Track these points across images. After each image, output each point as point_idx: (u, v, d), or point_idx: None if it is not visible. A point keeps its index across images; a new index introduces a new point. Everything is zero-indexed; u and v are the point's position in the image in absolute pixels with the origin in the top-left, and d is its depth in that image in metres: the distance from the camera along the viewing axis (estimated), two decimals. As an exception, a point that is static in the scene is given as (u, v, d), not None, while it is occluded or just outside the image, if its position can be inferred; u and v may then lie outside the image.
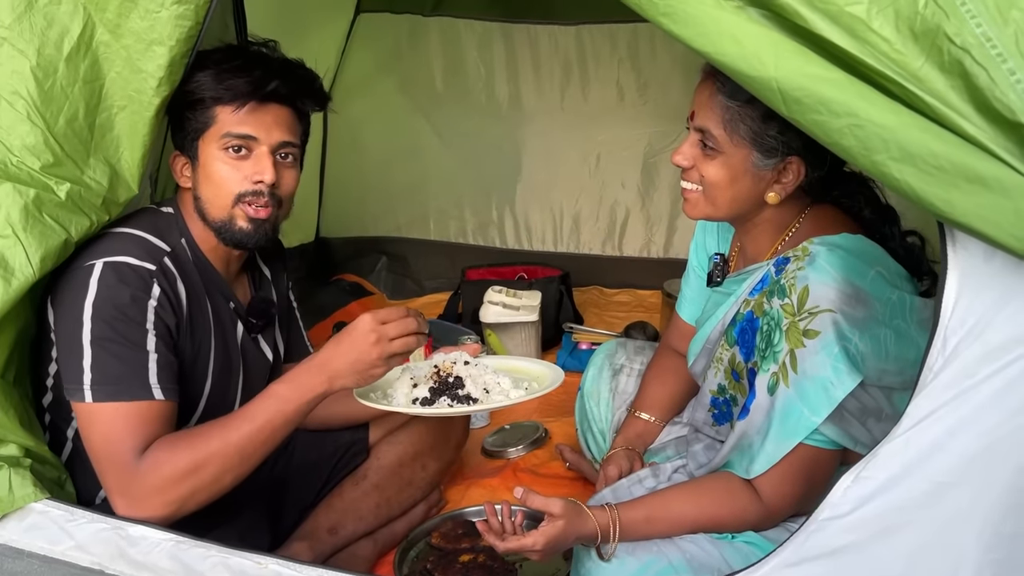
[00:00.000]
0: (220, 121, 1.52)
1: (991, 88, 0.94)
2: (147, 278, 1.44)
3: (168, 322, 1.47)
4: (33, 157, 1.43)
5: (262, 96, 1.52)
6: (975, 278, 1.00)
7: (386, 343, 1.41)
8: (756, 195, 1.45)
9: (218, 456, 1.39)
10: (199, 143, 1.54)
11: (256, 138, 1.53)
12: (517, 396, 1.51)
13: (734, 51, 1.04)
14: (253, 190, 1.53)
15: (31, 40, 1.43)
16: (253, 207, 1.54)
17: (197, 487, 1.38)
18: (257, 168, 1.53)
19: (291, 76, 1.57)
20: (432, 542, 1.83)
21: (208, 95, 1.52)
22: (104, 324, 1.40)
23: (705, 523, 1.42)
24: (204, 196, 1.56)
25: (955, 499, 1.02)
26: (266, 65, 1.55)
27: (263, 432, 1.41)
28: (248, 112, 1.52)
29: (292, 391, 1.43)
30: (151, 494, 1.37)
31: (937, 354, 1.02)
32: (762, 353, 1.41)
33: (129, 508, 1.38)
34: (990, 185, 0.92)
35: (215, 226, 1.57)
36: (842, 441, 1.33)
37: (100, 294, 1.40)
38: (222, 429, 1.41)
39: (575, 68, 3.26)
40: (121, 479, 1.38)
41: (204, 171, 1.55)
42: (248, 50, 1.59)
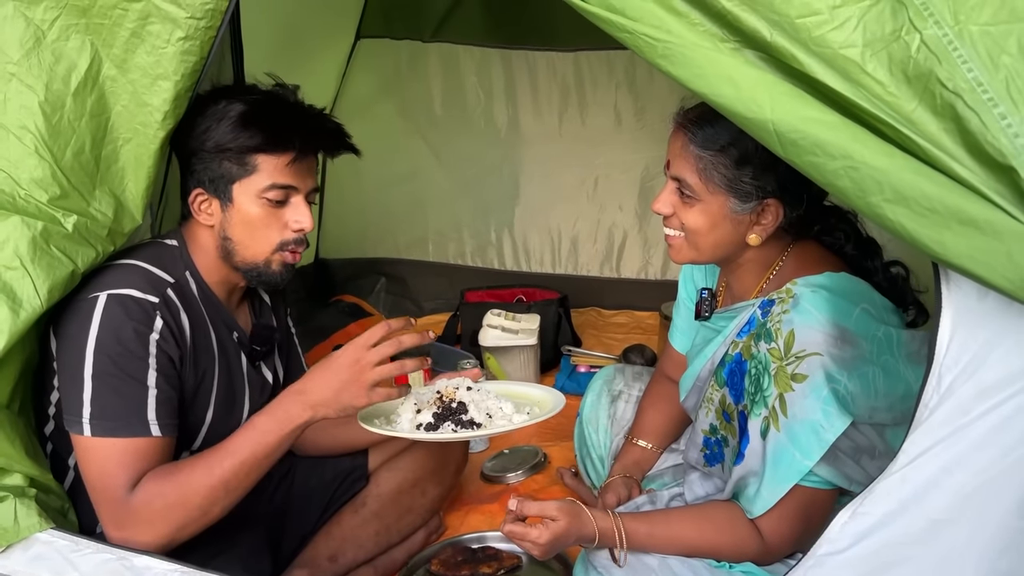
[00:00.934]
0: (263, 170, 1.54)
1: (982, 132, 0.96)
2: (150, 311, 1.46)
3: (171, 354, 1.49)
4: (41, 190, 1.44)
5: (307, 151, 1.58)
6: (969, 317, 1.02)
7: (369, 370, 1.42)
8: (737, 238, 1.47)
9: (203, 490, 1.41)
10: (234, 187, 1.55)
11: (296, 188, 1.58)
12: (520, 420, 1.52)
13: (731, 93, 1.07)
14: (295, 239, 1.59)
15: (39, 75, 1.45)
16: (292, 254, 1.60)
17: (185, 520, 1.42)
18: (297, 216, 1.58)
19: (327, 129, 1.62)
20: (432, 569, 1.83)
21: (250, 144, 1.53)
22: (106, 359, 1.41)
23: (704, 548, 1.44)
24: (237, 239, 1.58)
25: (951, 536, 1.04)
26: (309, 119, 1.60)
27: (246, 465, 1.44)
28: (290, 163, 1.55)
29: (273, 423, 1.45)
30: (142, 527, 1.40)
31: (932, 391, 1.03)
32: (752, 397, 1.42)
33: (122, 540, 1.41)
34: (982, 227, 0.94)
35: (246, 268, 1.60)
36: (837, 481, 1.34)
37: (103, 327, 1.42)
38: (206, 464, 1.44)
39: (573, 93, 3.28)
40: (113, 512, 1.41)
41: (240, 216, 1.56)
42: (289, 102, 1.61)
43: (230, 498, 1.45)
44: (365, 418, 1.56)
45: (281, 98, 1.60)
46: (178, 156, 1.63)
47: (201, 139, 1.55)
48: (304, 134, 1.56)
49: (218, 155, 1.54)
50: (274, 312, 1.85)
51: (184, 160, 1.61)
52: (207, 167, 1.56)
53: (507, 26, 3.25)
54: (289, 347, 1.91)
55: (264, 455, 1.45)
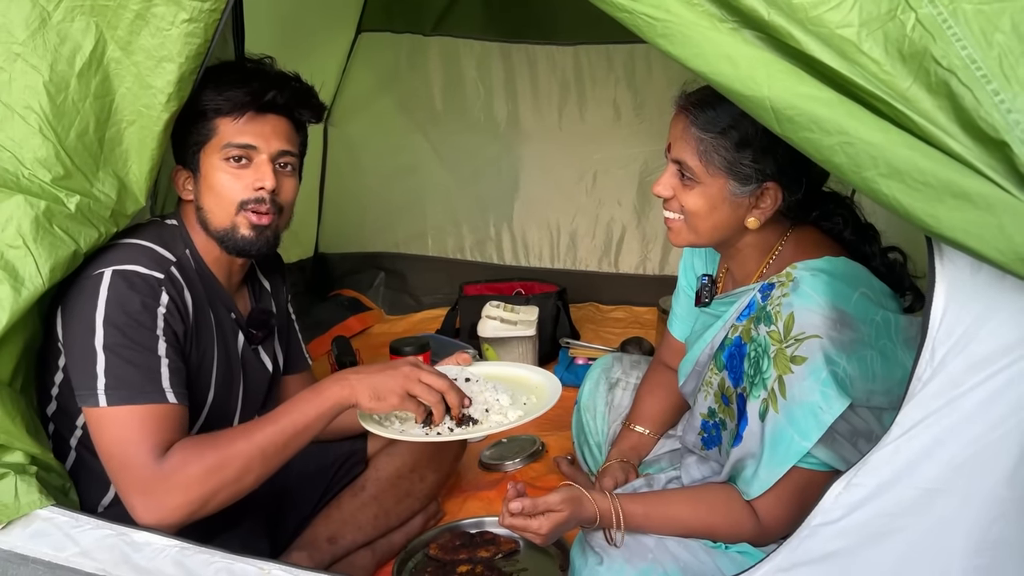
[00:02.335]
0: (220, 132, 1.57)
1: (976, 108, 0.97)
2: (156, 286, 1.47)
3: (176, 329, 1.50)
4: (44, 170, 1.46)
5: (260, 106, 1.57)
6: (962, 291, 1.03)
7: (415, 383, 1.47)
8: (736, 221, 1.48)
9: (242, 455, 1.42)
10: (200, 155, 1.58)
11: (256, 147, 1.57)
12: (515, 417, 1.53)
13: (729, 72, 1.08)
14: (255, 197, 1.58)
15: (44, 56, 1.46)
16: (256, 214, 1.58)
17: (220, 485, 1.41)
18: (257, 176, 1.57)
19: (288, 87, 1.62)
20: (430, 553, 1.84)
21: (209, 107, 1.56)
22: (116, 330, 1.42)
23: (700, 529, 1.45)
24: (206, 206, 1.60)
25: (943, 506, 1.05)
26: (264, 77, 1.60)
27: (284, 433, 1.45)
28: (247, 122, 1.56)
29: (314, 396, 1.48)
30: (174, 492, 1.38)
31: (925, 364, 1.04)
32: (751, 379, 1.43)
33: (148, 507, 1.39)
34: (975, 201, 0.96)
35: (218, 235, 1.60)
36: (834, 463, 1.35)
37: (111, 301, 1.43)
38: (245, 431, 1.46)
39: (572, 88, 3.30)
40: (139, 479, 1.39)
41: (206, 182, 1.59)
42: (246, 64, 1.64)
43: (265, 467, 1.45)
44: (364, 414, 1.57)
45: (237, 62, 1.63)
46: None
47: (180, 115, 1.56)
48: (254, 90, 1.56)
49: (187, 125, 1.57)
50: (274, 298, 1.86)
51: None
52: (180, 141, 1.60)
53: (507, 19, 3.27)
54: (289, 334, 1.92)
55: (303, 426, 1.46)
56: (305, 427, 1.47)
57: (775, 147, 1.40)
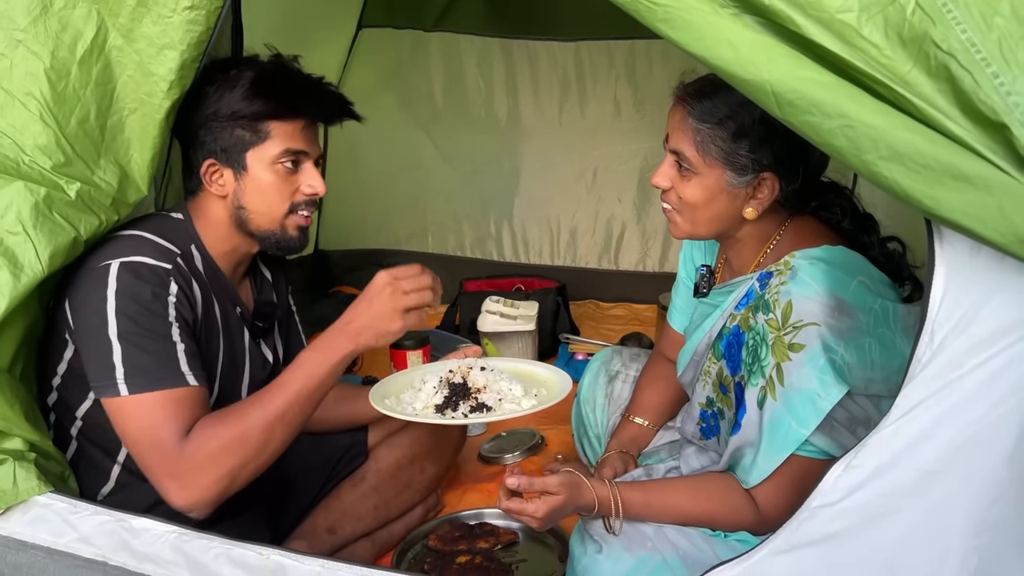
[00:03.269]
0: (275, 137, 1.58)
1: (975, 91, 0.97)
2: (164, 276, 1.47)
3: (187, 317, 1.50)
4: (45, 156, 1.46)
5: (317, 117, 1.62)
6: (961, 273, 1.03)
7: (401, 295, 1.47)
8: (734, 212, 1.49)
9: (261, 425, 1.43)
10: (247, 155, 1.58)
11: (307, 153, 1.62)
12: (529, 406, 1.54)
13: (730, 56, 1.08)
14: (306, 200, 1.63)
15: (45, 43, 1.47)
16: (303, 216, 1.64)
17: (245, 459, 1.42)
18: (309, 180, 1.62)
19: (335, 99, 1.67)
20: (429, 544, 1.84)
21: (264, 111, 1.57)
22: (128, 320, 1.42)
23: (699, 517, 1.45)
24: (251, 206, 1.61)
25: (942, 487, 1.05)
26: (316, 87, 1.64)
27: (300, 397, 1.46)
28: (302, 129, 1.60)
29: (320, 354, 1.48)
30: (201, 471, 1.39)
31: (925, 347, 1.05)
32: (749, 368, 1.43)
33: (181, 490, 1.39)
34: (974, 182, 0.96)
35: (262, 235, 1.63)
36: (832, 451, 1.35)
37: (121, 291, 1.43)
38: (259, 401, 1.46)
39: (573, 84, 3.30)
40: (168, 462, 1.40)
41: (254, 183, 1.59)
42: (294, 69, 1.65)
43: (286, 433, 1.46)
44: (376, 399, 1.58)
45: (287, 67, 1.63)
46: (182, 131, 1.64)
47: (213, 108, 1.57)
48: (313, 101, 1.61)
49: (231, 123, 1.57)
50: (275, 289, 1.87)
51: (191, 133, 1.62)
52: (218, 137, 1.58)
53: (508, 15, 3.27)
54: (289, 324, 1.92)
55: (316, 387, 1.47)
56: (318, 387, 1.48)
57: (772, 137, 1.41)
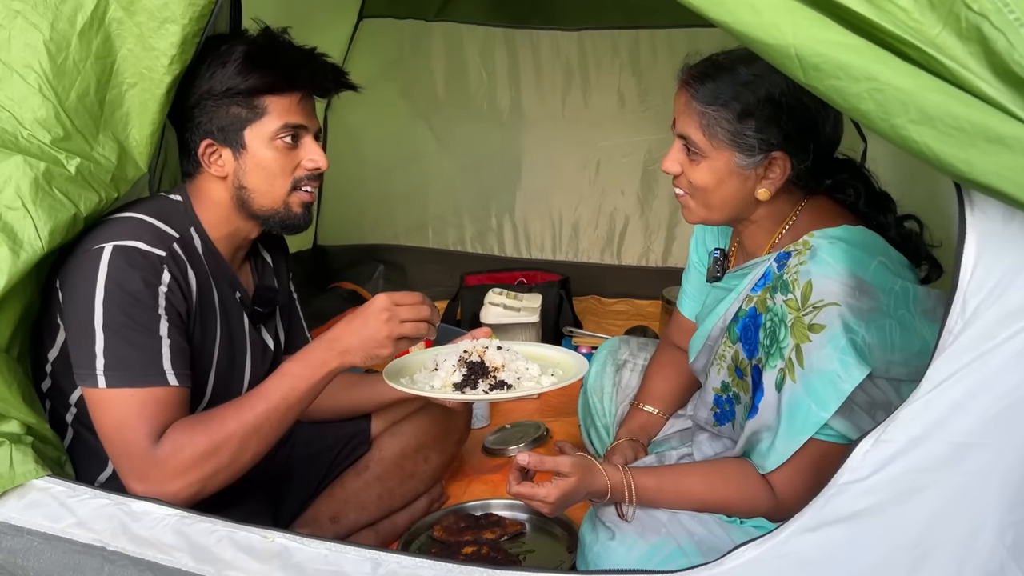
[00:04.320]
0: (273, 112, 1.54)
1: (1009, 52, 0.95)
2: (157, 264, 1.44)
3: (179, 308, 1.46)
4: (44, 131, 1.43)
5: (314, 89, 1.58)
6: (994, 241, 1.00)
7: (397, 324, 1.44)
8: (746, 193, 1.46)
9: (236, 436, 1.40)
10: (245, 132, 1.54)
11: (307, 127, 1.58)
12: (548, 383, 1.52)
13: (751, 20, 1.05)
14: (308, 175, 1.59)
15: (45, 14, 1.44)
16: (306, 192, 1.60)
17: (217, 468, 1.39)
18: (310, 155, 1.58)
19: (332, 69, 1.63)
20: (434, 535, 1.81)
21: (262, 86, 1.53)
22: (116, 309, 1.39)
23: (714, 503, 1.42)
24: (253, 186, 1.57)
25: (976, 461, 1.02)
26: (312, 58, 1.60)
27: (279, 410, 1.43)
28: (299, 102, 1.56)
29: (304, 368, 1.45)
30: (171, 478, 1.37)
31: (956, 317, 1.02)
32: (767, 350, 1.41)
33: (148, 493, 1.37)
34: (1010, 145, 0.93)
35: (265, 214, 1.59)
36: (851, 435, 1.32)
37: (111, 278, 1.39)
38: (238, 410, 1.43)
39: (576, 74, 3.27)
40: (137, 465, 1.38)
41: (254, 161, 1.55)
42: (285, 41, 1.61)
43: (262, 445, 1.43)
44: (391, 376, 1.56)
45: (278, 38, 1.60)
46: (176, 112, 1.60)
47: (207, 86, 1.53)
48: (308, 72, 1.57)
49: (225, 101, 1.53)
50: (276, 274, 1.83)
51: (185, 114, 1.58)
52: (214, 116, 1.55)
53: (511, 5, 3.24)
54: (291, 311, 1.89)
55: (296, 400, 1.44)
56: (298, 401, 1.45)
57: (779, 115, 1.38)
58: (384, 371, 1.58)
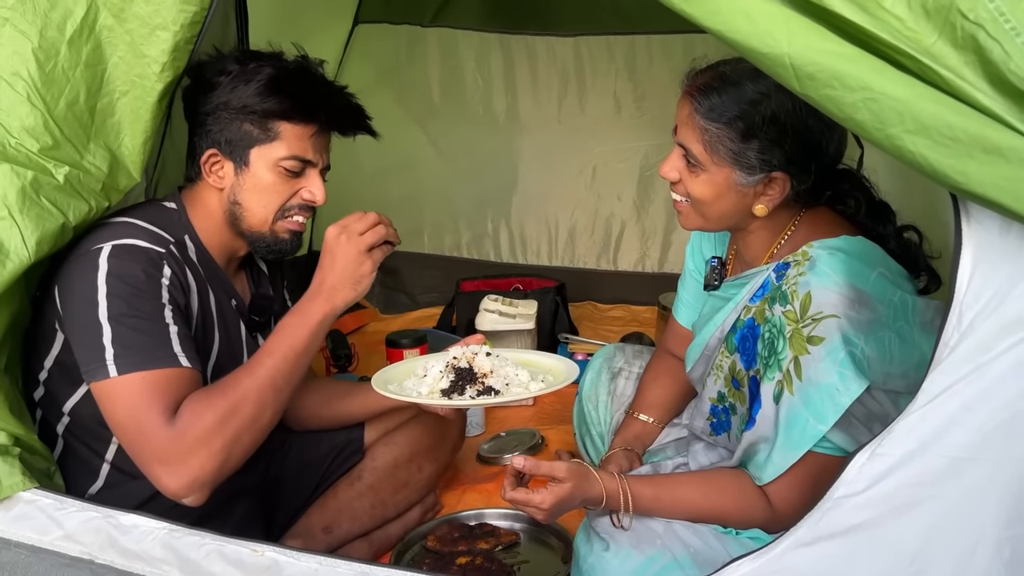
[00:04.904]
0: (284, 139, 1.54)
1: (1005, 61, 0.93)
2: (157, 259, 1.44)
3: (180, 302, 1.46)
4: (32, 139, 1.42)
5: (331, 126, 1.59)
6: (990, 252, 0.99)
7: (357, 237, 1.46)
8: (743, 209, 1.45)
9: (252, 393, 1.39)
10: (252, 151, 1.55)
11: (314, 162, 1.58)
12: (537, 389, 1.51)
13: (747, 28, 1.04)
14: (301, 204, 1.59)
15: (33, 21, 1.42)
16: (295, 221, 1.60)
17: (239, 430, 1.37)
18: (311, 188, 1.59)
19: (353, 109, 1.63)
20: (428, 545, 1.79)
21: (277, 111, 1.53)
22: (120, 300, 1.38)
23: (710, 513, 1.41)
24: (245, 203, 1.57)
25: (973, 474, 1.01)
26: (335, 95, 1.60)
27: (287, 362, 1.43)
28: (313, 136, 1.56)
29: (300, 317, 1.46)
30: (195, 449, 1.33)
31: (953, 329, 1.00)
32: (765, 361, 1.39)
33: (173, 474, 1.33)
34: (1007, 155, 0.92)
35: (251, 234, 1.59)
36: (850, 448, 1.31)
37: (112, 272, 1.39)
38: (246, 370, 1.42)
39: (572, 79, 3.26)
40: (158, 446, 1.33)
41: (253, 181, 1.56)
42: (316, 74, 1.61)
43: (278, 401, 1.42)
44: (381, 383, 1.54)
45: (309, 70, 1.59)
46: (190, 115, 1.61)
47: (225, 98, 1.53)
48: (329, 109, 1.57)
49: (240, 116, 1.53)
50: (271, 282, 1.83)
51: (199, 119, 1.58)
52: (225, 128, 1.55)
53: (507, 10, 3.24)
54: (285, 319, 1.88)
55: (302, 350, 1.45)
56: (304, 350, 1.45)
57: (783, 137, 1.36)
58: (373, 379, 1.57)
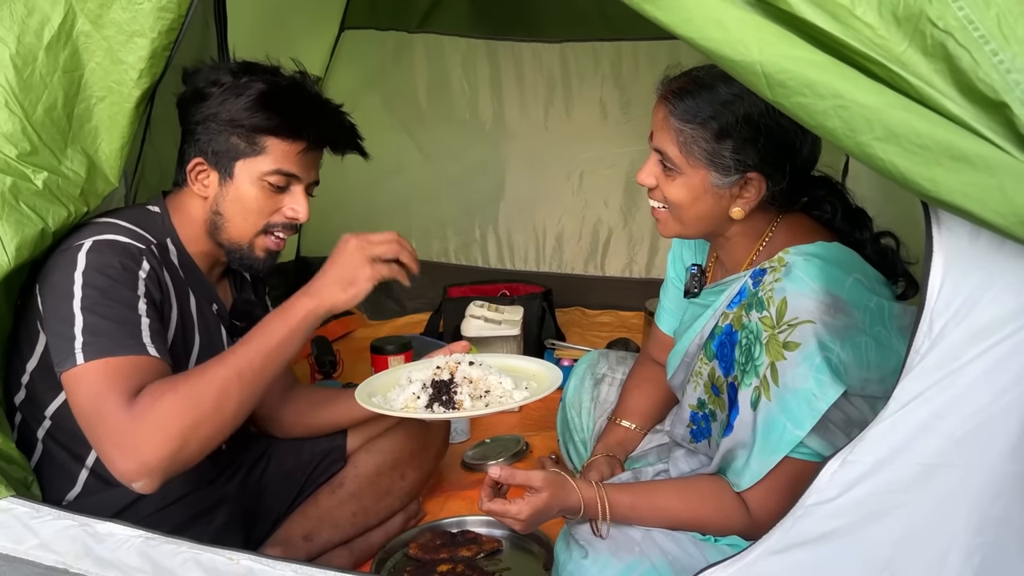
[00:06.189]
0: (271, 153, 1.53)
1: (974, 69, 0.94)
2: (136, 254, 1.44)
3: (155, 298, 1.45)
4: (10, 145, 1.42)
5: (320, 144, 1.58)
6: (960, 260, 0.99)
7: (367, 244, 1.45)
8: (720, 212, 1.45)
9: (218, 381, 1.35)
10: (237, 164, 1.54)
11: (299, 177, 1.57)
12: (520, 398, 1.51)
13: (719, 36, 1.04)
14: (284, 223, 1.58)
15: (11, 28, 1.43)
16: (275, 239, 1.59)
17: (198, 418, 1.31)
18: (293, 205, 1.57)
19: (344, 129, 1.63)
20: (410, 552, 1.78)
21: (266, 126, 1.52)
22: (94, 290, 1.37)
23: (688, 520, 1.40)
24: (227, 214, 1.57)
25: (943, 481, 1.01)
26: (326, 113, 1.60)
27: (259, 355, 1.39)
28: (300, 153, 1.55)
29: (281, 314, 1.44)
30: (150, 431, 1.28)
31: (924, 336, 1.01)
32: (743, 367, 1.40)
33: (125, 456, 1.28)
34: (974, 163, 0.92)
35: (229, 247, 1.59)
36: (827, 453, 1.29)
37: (89, 264, 1.39)
38: (217, 359, 1.39)
39: (559, 86, 3.27)
40: (113, 426, 1.29)
41: (236, 193, 1.55)
42: (309, 91, 1.60)
43: (244, 392, 1.37)
44: (363, 396, 1.53)
45: (303, 86, 1.59)
46: (182, 122, 1.61)
47: (215, 109, 1.53)
48: (319, 127, 1.56)
49: (228, 128, 1.53)
50: (254, 288, 1.83)
51: (189, 127, 1.58)
52: (213, 139, 1.54)
53: (493, 16, 3.24)
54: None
55: (276, 345, 1.40)
56: (279, 345, 1.41)
57: (757, 137, 1.38)
58: (356, 391, 1.56)
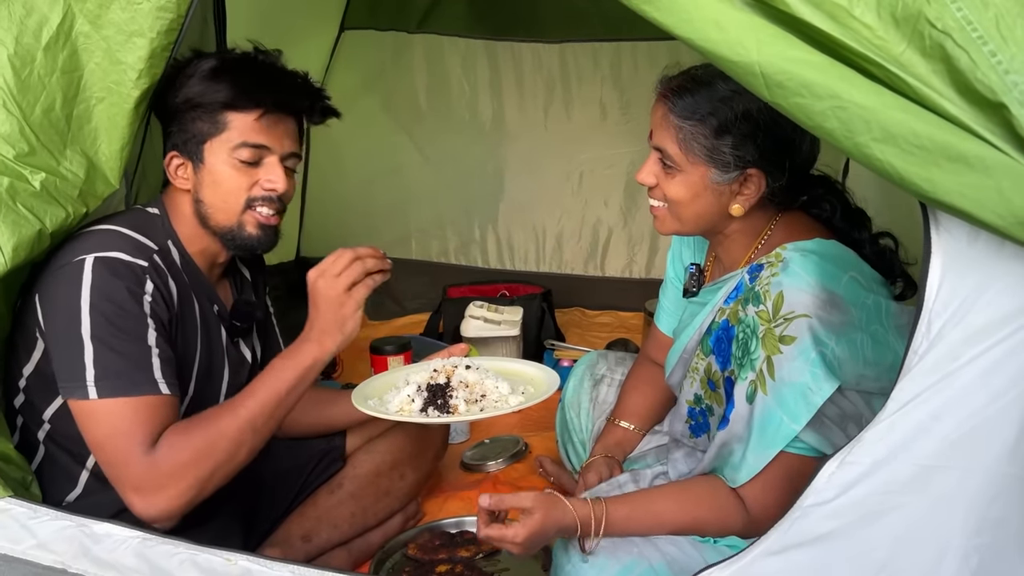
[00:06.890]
0: (233, 128, 1.52)
1: (972, 70, 0.94)
2: (140, 274, 1.43)
3: (163, 317, 1.45)
4: (8, 146, 1.42)
5: (278, 107, 1.55)
6: (958, 261, 1.00)
7: (333, 280, 1.46)
8: (720, 209, 1.46)
9: (230, 431, 1.40)
10: (205, 147, 1.53)
11: (269, 148, 1.55)
12: (516, 403, 1.50)
13: (717, 37, 1.05)
14: (264, 196, 1.56)
15: (9, 28, 1.43)
16: (263, 214, 1.56)
17: (214, 467, 1.39)
18: (269, 176, 1.55)
19: (305, 89, 1.60)
20: (408, 553, 1.78)
21: (220, 100, 1.51)
22: (103, 319, 1.37)
23: (687, 524, 1.40)
24: (209, 201, 1.55)
25: (941, 483, 1.01)
26: (282, 77, 1.58)
27: (271, 403, 1.43)
28: (262, 122, 1.53)
29: (289, 360, 1.46)
30: (168, 482, 1.35)
31: (922, 337, 1.01)
32: (739, 361, 1.40)
33: (147, 502, 1.35)
34: (972, 164, 0.93)
35: (221, 232, 1.57)
36: (823, 448, 1.31)
37: (95, 288, 1.38)
38: (229, 407, 1.43)
39: (558, 86, 3.26)
40: (134, 474, 1.36)
41: (210, 176, 1.54)
42: (262, 60, 1.60)
43: (256, 440, 1.43)
44: (359, 399, 1.53)
45: (253, 56, 1.58)
46: (160, 123, 1.60)
47: (176, 98, 1.52)
48: (274, 90, 1.54)
49: (190, 113, 1.52)
50: (254, 289, 1.82)
51: (164, 126, 1.58)
52: (181, 128, 1.54)
53: (493, 17, 3.23)
54: (267, 326, 1.88)
55: (286, 392, 1.45)
56: (288, 392, 1.45)
57: (756, 133, 1.38)
58: (353, 393, 1.56)
